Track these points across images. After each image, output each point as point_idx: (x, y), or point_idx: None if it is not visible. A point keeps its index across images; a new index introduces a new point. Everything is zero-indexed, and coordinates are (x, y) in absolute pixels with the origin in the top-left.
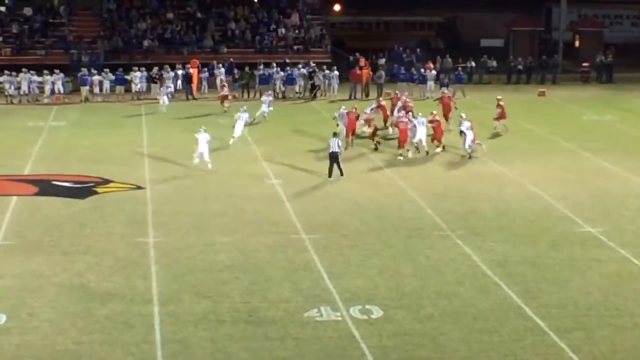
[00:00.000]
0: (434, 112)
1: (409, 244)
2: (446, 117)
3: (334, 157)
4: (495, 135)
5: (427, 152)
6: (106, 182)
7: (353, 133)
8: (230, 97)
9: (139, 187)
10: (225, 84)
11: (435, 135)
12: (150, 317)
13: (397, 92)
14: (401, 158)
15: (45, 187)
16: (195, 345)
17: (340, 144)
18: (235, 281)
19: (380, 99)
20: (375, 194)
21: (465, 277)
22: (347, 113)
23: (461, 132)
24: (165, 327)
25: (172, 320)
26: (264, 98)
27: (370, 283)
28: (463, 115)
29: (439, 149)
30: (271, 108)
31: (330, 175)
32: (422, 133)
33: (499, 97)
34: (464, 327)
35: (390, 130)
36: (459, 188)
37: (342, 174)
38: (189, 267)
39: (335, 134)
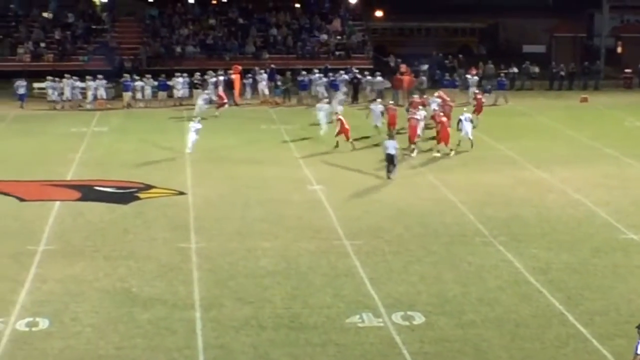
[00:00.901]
0: (441, 112)
1: (451, 250)
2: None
3: (390, 159)
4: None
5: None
6: (148, 187)
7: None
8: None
9: (181, 193)
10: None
11: (438, 137)
12: (192, 322)
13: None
14: (413, 155)
15: (87, 192)
16: (237, 350)
17: (397, 146)
18: (277, 287)
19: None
20: (417, 199)
21: (507, 283)
22: (387, 109)
23: (459, 121)
24: (207, 332)
25: (214, 325)
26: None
27: (413, 289)
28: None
29: (438, 154)
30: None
31: (395, 175)
32: (468, 128)
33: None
34: (506, 334)
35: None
36: (502, 194)
37: (389, 177)
38: (231, 272)
39: (390, 136)
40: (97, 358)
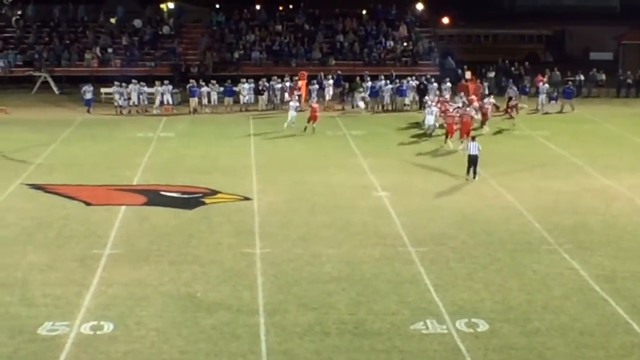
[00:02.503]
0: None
1: (516, 257)
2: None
3: (473, 160)
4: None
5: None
6: (214, 192)
7: (468, 134)
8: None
9: (246, 198)
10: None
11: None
12: (256, 327)
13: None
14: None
15: (153, 197)
16: (301, 356)
17: (480, 148)
18: (341, 293)
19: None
20: (482, 206)
21: (572, 291)
22: (461, 115)
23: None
24: (271, 337)
25: (278, 331)
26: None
27: (477, 296)
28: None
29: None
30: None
31: (471, 175)
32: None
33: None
34: (571, 342)
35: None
36: (567, 202)
37: (474, 177)
38: (295, 278)
39: (474, 138)
40: None
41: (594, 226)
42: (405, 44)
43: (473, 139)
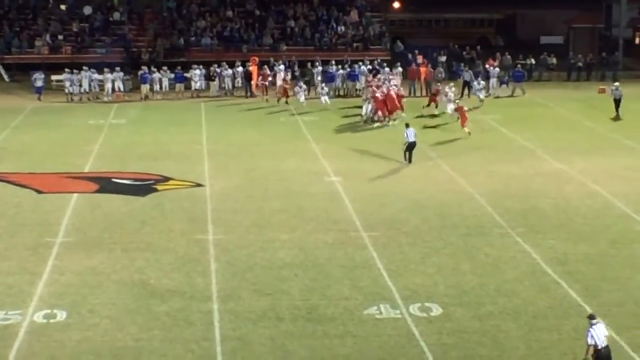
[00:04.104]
0: (458, 101)
1: (468, 241)
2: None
3: (412, 146)
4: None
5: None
6: (166, 179)
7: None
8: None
9: (198, 185)
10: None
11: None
12: (210, 314)
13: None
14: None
15: (105, 184)
16: (255, 342)
17: (416, 133)
18: (294, 279)
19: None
20: (434, 191)
21: (524, 275)
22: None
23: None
24: (225, 324)
25: (232, 317)
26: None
27: (430, 281)
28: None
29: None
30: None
31: (409, 161)
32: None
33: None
34: (524, 325)
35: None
36: (519, 186)
37: (410, 161)
38: (249, 264)
39: (407, 125)
40: (114, 349)
41: (546, 210)
42: (356, 28)
43: (408, 125)
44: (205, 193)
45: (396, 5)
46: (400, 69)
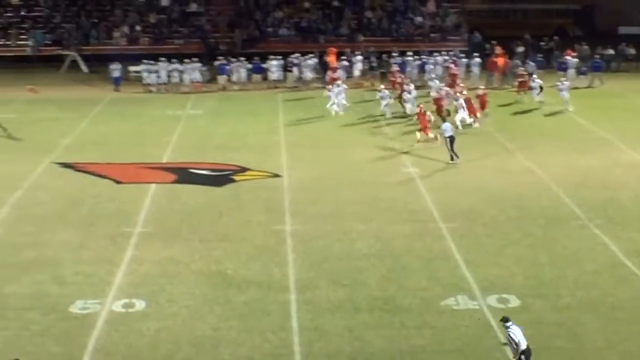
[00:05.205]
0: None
1: (547, 233)
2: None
3: (452, 141)
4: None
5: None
6: (243, 170)
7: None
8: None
9: (275, 175)
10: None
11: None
12: (287, 304)
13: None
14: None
15: (183, 175)
16: (332, 332)
17: (452, 127)
18: (371, 269)
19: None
20: (511, 182)
21: (603, 266)
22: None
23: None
24: (302, 314)
25: (309, 307)
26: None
27: (508, 272)
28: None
29: (476, 124)
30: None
31: (456, 156)
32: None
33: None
34: (602, 317)
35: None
36: (598, 177)
37: (454, 159)
38: (326, 254)
39: (444, 119)
40: (193, 339)
41: (625, 201)
42: (433, 19)
43: (444, 120)
44: (283, 184)
45: None
46: (478, 59)
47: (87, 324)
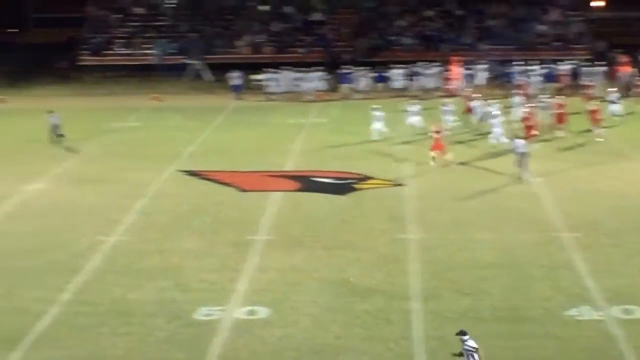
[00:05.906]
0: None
1: None
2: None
3: (524, 157)
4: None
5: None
6: (366, 178)
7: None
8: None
9: (398, 184)
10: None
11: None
12: (410, 313)
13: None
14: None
15: (306, 183)
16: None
17: (525, 144)
18: (495, 279)
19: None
20: (635, 191)
21: None
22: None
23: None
24: (426, 323)
25: (432, 317)
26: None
27: (633, 282)
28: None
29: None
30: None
31: (526, 173)
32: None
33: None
34: None
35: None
36: None
37: (527, 174)
38: (449, 264)
39: (517, 136)
40: (315, 347)
41: None
42: (556, 28)
43: (517, 136)
44: (405, 192)
45: (599, 3)
46: (602, 68)
47: (210, 330)
